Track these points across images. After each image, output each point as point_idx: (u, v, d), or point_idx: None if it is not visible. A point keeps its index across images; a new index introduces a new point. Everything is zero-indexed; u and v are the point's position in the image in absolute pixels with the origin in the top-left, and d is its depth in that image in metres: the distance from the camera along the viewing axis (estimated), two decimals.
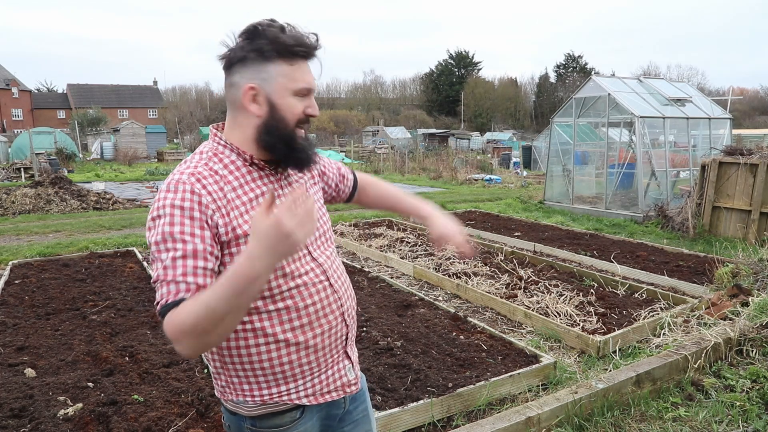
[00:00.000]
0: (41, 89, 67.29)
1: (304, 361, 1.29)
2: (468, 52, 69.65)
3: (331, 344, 1.34)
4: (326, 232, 1.40)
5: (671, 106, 9.92)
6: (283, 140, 1.24)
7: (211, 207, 1.17)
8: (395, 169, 21.52)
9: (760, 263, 5.08)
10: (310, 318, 1.28)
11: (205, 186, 1.18)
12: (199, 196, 1.16)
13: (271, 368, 1.26)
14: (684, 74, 61.66)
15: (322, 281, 1.31)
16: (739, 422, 2.79)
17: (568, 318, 4.36)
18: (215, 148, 1.27)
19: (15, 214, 10.24)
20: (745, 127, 37.55)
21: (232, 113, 1.27)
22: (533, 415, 2.64)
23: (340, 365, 1.39)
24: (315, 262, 1.31)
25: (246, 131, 1.26)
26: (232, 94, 1.24)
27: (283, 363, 1.27)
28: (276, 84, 1.22)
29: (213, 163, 1.24)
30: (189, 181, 1.18)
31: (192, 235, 1.13)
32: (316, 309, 1.29)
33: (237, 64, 1.22)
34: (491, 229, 8.42)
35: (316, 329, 1.29)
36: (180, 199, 1.15)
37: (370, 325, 4.06)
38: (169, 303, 1.08)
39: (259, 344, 1.24)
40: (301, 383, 1.30)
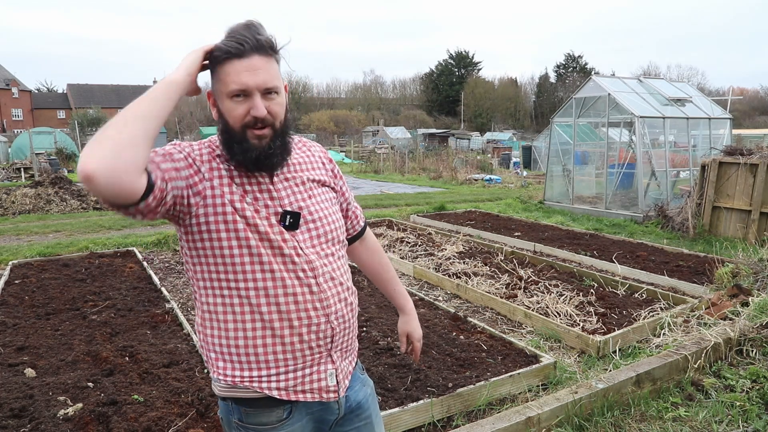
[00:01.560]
0: (41, 89, 67.31)
1: (279, 349, 1.29)
2: (468, 52, 69.71)
3: (311, 342, 1.32)
4: (329, 233, 1.38)
5: (671, 106, 9.92)
6: (236, 143, 1.26)
7: (197, 163, 1.25)
8: (395, 169, 21.52)
9: (760, 263, 5.08)
10: (288, 308, 1.28)
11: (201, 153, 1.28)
12: (189, 152, 1.25)
13: (245, 347, 1.28)
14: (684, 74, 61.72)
15: (309, 278, 1.31)
16: (739, 422, 2.79)
17: (568, 318, 4.36)
18: (213, 141, 1.34)
19: (15, 214, 10.24)
20: (745, 127, 37.55)
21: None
22: (533, 415, 2.64)
23: (321, 368, 1.35)
24: (305, 257, 1.31)
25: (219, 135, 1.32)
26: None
27: (257, 345, 1.28)
28: (216, 89, 1.27)
29: (207, 151, 1.30)
30: (187, 145, 1.29)
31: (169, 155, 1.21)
32: (296, 300, 1.29)
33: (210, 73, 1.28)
34: (491, 229, 8.42)
35: (294, 320, 1.29)
36: (173, 145, 1.26)
37: (370, 325, 4.06)
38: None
39: (236, 320, 1.27)
40: (274, 373, 1.29)
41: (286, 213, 1.30)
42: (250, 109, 1.22)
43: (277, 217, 1.29)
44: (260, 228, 1.27)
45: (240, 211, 1.25)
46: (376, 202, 11.89)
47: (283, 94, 1.29)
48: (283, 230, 1.29)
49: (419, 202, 11.91)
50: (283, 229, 1.29)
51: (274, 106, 1.25)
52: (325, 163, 1.49)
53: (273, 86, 1.24)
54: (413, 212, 10.13)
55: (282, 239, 1.28)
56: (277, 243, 1.28)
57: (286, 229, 1.29)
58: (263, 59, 1.22)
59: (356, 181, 17.97)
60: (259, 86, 1.21)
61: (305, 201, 1.35)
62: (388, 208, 11.12)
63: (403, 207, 11.04)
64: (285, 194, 1.33)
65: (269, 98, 1.24)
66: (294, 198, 1.34)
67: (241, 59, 1.20)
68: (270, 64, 1.24)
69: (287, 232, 1.29)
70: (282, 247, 1.28)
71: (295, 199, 1.34)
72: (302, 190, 1.37)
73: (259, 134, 1.24)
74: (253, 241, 1.26)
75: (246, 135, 1.24)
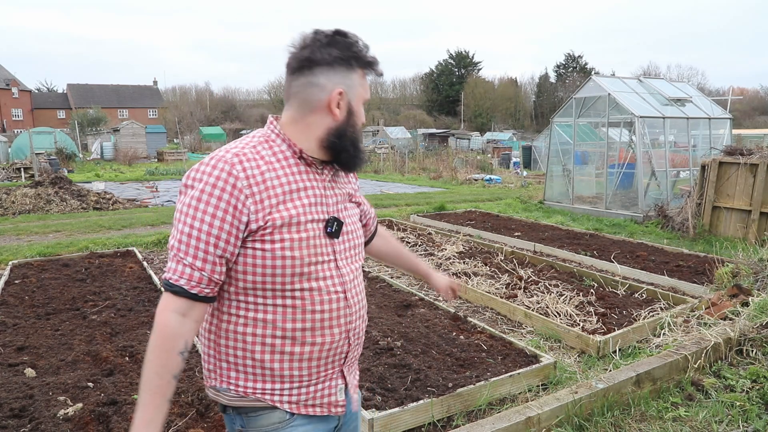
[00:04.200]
0: (41, 89, 67.30)
1: (296, 365, 1.28)
2: (468, 52, 69.66)
3: (328, 358, 1.31)
4: (357, 246, 1.40)
5: (671, 106, 9.93)
6: (354, 144, 1.30)
7: (245, 192, 1.17)
8: (395, 169, 21.52)
9: (760, 263, 5.07)
10: (314, 324, 1.26)
11: (245, 168, 1.19)
12: (235, 178, 1.17)
13: (261, 362, 1.26)
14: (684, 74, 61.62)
15: (338, 292, 1.29)
16: (739, 422, 2.79)
17: (568, 318, 4.36)
18: (267, 135, 1.29)
19: (15, 214, 10.24)
20: (745, 127, 37.55)
21: (300, 111, 1.27)
22: (533, 415, 2.64)
23: (333, 383, 1.35)
24: (338, 271, 1.30)
25: (315, 131, 1.27)
26: (311, 94, 1.25)
27: (274, 360, 1.26)
28: (356, 92, 1.29)
29: (262, 148, 1.25)
30: (231, 160, 1.18)
31: (213, 216, 1.16)
32: (323, 318, 1.27)
33: (323, 67, 1.24)
34: (491, 229, 8.42)
35: (317, 337, 1.27)
36: (215, 177, 1.17)
37: (370, 325, 4.06)
38: (171, 283, 1.18)
39: (256, 334, 1.25)
40: (287, 387, 1.28)
41: (333, 219, 1.30)
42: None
43: (322, 223, 1.28)
44: (309, 233, 1.24)
45: (289, 217, 1.22)
46: (376, 202, 11.89)
47: None
48: (326, 236, 1.28)
49: (419, 202, 11.91)
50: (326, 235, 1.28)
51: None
52: (350, 178, 1.49)
53: None
54: (413, 212, 10.14)
55: (325, 247, 1.28)
56: (319, 251, 1.26)
57: (328, 236, 1.28)
58: None
59: None
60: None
61: (341, 212, 1.35)
62: (388, 208, 11.12)
63: (403, 207, 11.05)
64: (333, 201, 1.33)
65: None
66: (337, 207, 1.34)
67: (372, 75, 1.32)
68: None
69: (328, 239, 1.29)
70: (323, 254, 1.27)
71: (337, 208, 1.33)
72: (340, 200, 1.37)
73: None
74: (297, 251, 1.22)
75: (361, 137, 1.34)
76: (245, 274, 1.22)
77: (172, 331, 1.17)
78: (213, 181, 1.16)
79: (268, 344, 1.25)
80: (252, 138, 1.28)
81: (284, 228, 1.21)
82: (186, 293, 1.17)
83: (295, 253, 1.21)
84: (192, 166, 1.23)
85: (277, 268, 1.21)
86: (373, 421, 2.66)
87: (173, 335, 1.17)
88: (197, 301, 1.19)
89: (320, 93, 1.25)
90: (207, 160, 1.20)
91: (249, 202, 1.17)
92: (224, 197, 1.16)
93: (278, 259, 1.20)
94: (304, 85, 1.25)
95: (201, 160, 1.22)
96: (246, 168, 1.19)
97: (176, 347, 1.18)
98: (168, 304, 1.18)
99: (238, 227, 1.18)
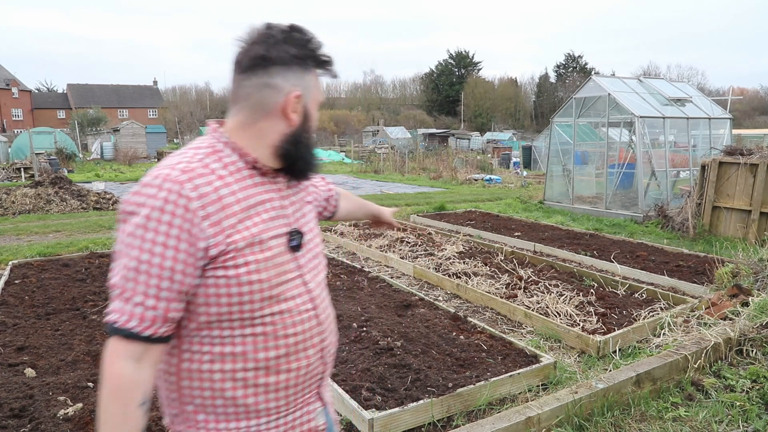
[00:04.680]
0: (41, 89, 67.32)
1: (272, 396, 1.15)
2: (468, 52, 69.70)
3: (306, 383, 1.21)
4: (319, 255, 1.28)
5: (671, 106, 9.93)
6: (309, 150, 1.20)
7: (200, 214, 1.02)
8: (395, 169, 21.52)
9: (760, 263, 5.07)
10: (288, 350, 1.15)
11: (197, 186, 1.04)
12: (187, 199, 1.02)
13: (233, 399, 1.12)
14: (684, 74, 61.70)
15: (309, 310, 1.18)
16: (739, 422, 2.79)
17: (568, 318, 4.36)
18: (213, 145, 1.14)
19: (15, 214, 10.24)
20: (745, 127, 37.55)
21: (252, 115, 1.13)
22: (533, 415, 2.64)
23: (311, 407, 1.25)
24: (306, 287, 1.19)
25: (268, 138, 1.14)
26: (266, 97, 1.11)
27: (248, 395, 1.13)
28: (312, 95, 1.18)
29: (211, 161, 1.10)
30: (179, 178, 1.03)
31: (165, 245, 1.00)
32: (297, 341, 1.16)
33: (279, 66, 1.10)
34: (491, 229, 8.42)
35: (292, 363, 1.16)
36: (162, 199, 1.01)
37: (370, 325, 4.06)
38: (118, 327, 1.01)
39: (225, 370, 1.10)
40: (264, 421, 1.16)
41: (296, 231, 1.18)
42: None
43: (285, 237, 1.15)
44: (273, 251, 1.12)
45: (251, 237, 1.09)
46: (375, 202, 11.81)
47: None
48: (289, 251, 1.16)
49: (419, 202, 11.91)
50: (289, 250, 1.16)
51: None
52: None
53: None
54: (413, 212, 10.14)
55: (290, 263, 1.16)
56: (285, 269, 1.14)
57: (291, 250, 1.16)
58: None
59: (356, 181, 17.97)
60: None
61: (301, 221, 1.23)
62: (388, 208, 11.10)
63: (403, 207, 11.04)
64: (292, 211, 1.21)
65: None
66: (295, 217, 1.22)
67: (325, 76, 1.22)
68: None
69: (291, 254, 1.16)
70: (289, 272, 1.15)
71: (296, 217, 1.22)
72: (299, 208, 1.25)
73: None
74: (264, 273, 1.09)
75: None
76: (208, 306, 1.07)
77: (127, 382, 1.01)
78: (160, 205, 1.00)
79: (239, 379, 1.11)
80: (197, 149, 1.12)
81: (247, 249, 1.07)
82: (138, 336, 1.01)
83: (262, 275, 1.09)
84: (132, 189, 1.06)
85: (244, 295, 1.07)
86: (373, 421, 2.66)
87: (129, 386, 1.01)
88: (153, 343, 1.03)
89: (276, 96, 1.11)
90: (149, 180, 1.03)
91: (205, 225, 1.03)
92: (176, 222, 1.00)
93: (244, 285, 1.07)
94: (257, 86, 1.11)
95: (142, 180, 1.04)
96: (198, 186, 1.04)
97: (134, 399, 1.02)
98: (118, 351, 1.01)
99: (195, 255, 1.03)
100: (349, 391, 2.99)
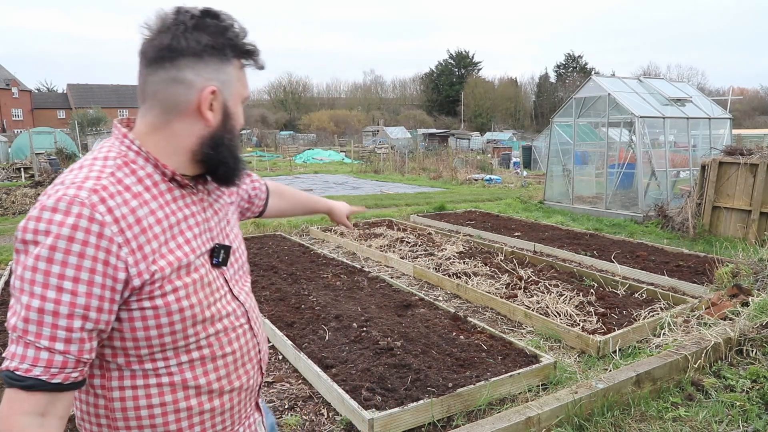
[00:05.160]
0: (41, 89, 67.34)
1: (218, 420, 1.08)
2: (468, 52, 69.72)
3: (246, 398, 1.15)
4: (244, 264, 1.19)
5: (671, 106, 9.93)
6: (233, 154, 1.05)
7: (117, 240, 0.89)
8: (395, 169, 21.51)
9: (760, 263, 5.07)
10: (228, 369, 1.08)
11: (111, 209, 0.89)
12: (100, 224, 0.87)
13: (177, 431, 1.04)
14: (684, 74, 61.74)
15: (243, 324, 1.11)
16: (739, 422, 2.79)
17: (568, 318, 4.36)
18: (124, 154, 0.99)
19: (15, 214, 10.24)
20: (745, 127, 37.55)
21: (162, 116, 1.00)
22: (533, 415, 2.64)
23: (251, 420, 1.20)
24: (236, 301, 1.11)
25: (184, 141, 1.01)
26: (176, 94, 0.98)
27: (194, 425, 1.05)
28: (233, 89, 1.03)
29: (123, 175, 0.95)
30: (89, 200, 0.88)
31: (76, 280, 0.86)
32: (235, 359, 1.09)
33: (189, 58, 0.96)
34: (491, 229, 8.42)
35: (234, 382, 1.09)
36: (71, 227, 0.85)
37: (370, 325, 4.06)
38: (19, 377, 0.85)
39: (165, 402, 1.01)
40: None
41: (219, 248, 1.08)
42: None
43: (207, 255, 1.06)
44: (201, 272, 1.02)
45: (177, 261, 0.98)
46: (376, 202, 11.89)
47: None
48: (214, 269, 1.07)
49: (419, 202, 11.91)
50: (213, 267, 1.07)
51: None
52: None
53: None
54: (413, 212, 10.13)
55: (217, 280, 1.07)
56: (214, 287, 1.05)
57: (215, 267, 1.07)
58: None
59: (356, 181, 17.97)
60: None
61: (224, 231, 1.13)
62: (388, 208, 11.12)
63: (403, 207, 11.04)
64: (215, 223, 1.11)
65: None
66: (219, 228, 1.12)
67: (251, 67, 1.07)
68: None
69: (218, 270, 1.08)
70: (218, 289, 1.06)
71: (219, 229, 1.12)
72: (222, 218, 1.14)
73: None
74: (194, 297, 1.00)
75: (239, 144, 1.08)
76: (136, 340, 0.96)
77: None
78: (68, 233, 0.85)
79: (183, 409, 1.02)
80: (105, 162, 0.96)
81: (173, 275, 0.96)
82: (45, 386, 0.86)
83: (192, 300, 0.99)
84: (29, 213, 0.88)
85: (176, 324, 0.98)
86: (373, 421, 2.66)
87: None
88: (62, 391, 0.88)
89: (187, 92, 0.98)
90: (52, 203, 0.86)
91: (124, 253, 0.90)
92: (88, 252, 0.86)
93: (176, 314, 0.97)
94: (165, 81, 0.97)
95: (42, 202, 0.88)
96: (112, 208, 0.89)
97: None
98: (17, 406, 0.85)
99: (114, 288, 0.90)
100: (349, 391, 2.99)
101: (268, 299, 4.77)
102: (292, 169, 23.33)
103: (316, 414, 3.00)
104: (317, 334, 3.93)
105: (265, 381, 3.36)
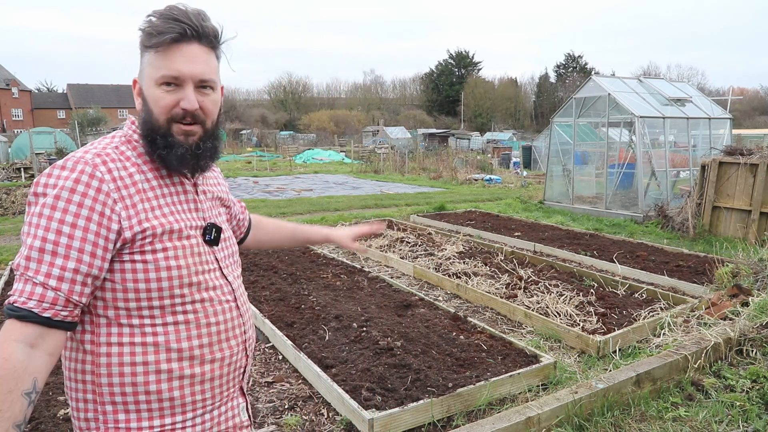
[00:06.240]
0: (41, 89, 67.33)
1: (198, 389, 1.13)
2: (468, 52, 69.72)
3: (229, 374, 1.19)
4: (234, 254, 1.29)
5: (671, 106, 9.93)
6: (159, 135, 1.09)
7: (113, 195, 1.01)
8: (395, 169, 21.52)
9: (760, 263, 5.07)
10: (212, 339, 1.14)
11: (111, 170, 1.03)
12: (99, 180, 1.00)
13: (158, 393, 1.08)
14: (684, 74, 61.71)
15: (229, 301, 1.19)
16: (739, 422, 2.79)
17: (568, 318, 4.36)
18: (129, 136, 1.14)
19: (15, 214, 10.24)
20: (745, 127, 37.55)
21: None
22: (533, 415, 2.64)
23: (234, 402, 1.24)
24: (225, 279, 1.20)
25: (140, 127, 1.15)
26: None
27: (173, 388, 1.09)
28: (145, 74, 1.11)
29: (126, 149, 1.11)
30: (92, 161, 1.02)
31: (73, 225, 0.98)
32: (219, 330, 1.15)
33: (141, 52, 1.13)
34: (491, 229, 8.42)
35: (215, 353, 1.15)
36: (74, 180, 0.99)
37: (370, 325, 4.06)
38: (15, 307, 0.96)
39: (148, 362, 1.07)
40: (190, 417, 1.12)
41: (211, 226, 1.18)
42: (180, 100, 1.09)
43: (200, 231, 1.16)
44: (191, 241, 1.12)
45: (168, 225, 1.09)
46: (376, 202, 11.89)
47: (219, 92, 1.17)
48: (206, 245, 1.16)
49: (419, 202, 11.91)
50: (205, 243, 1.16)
51: (207, 102, 1.12)
52: (219, 179, 1.37)
53: (209, 80, 1.12)
54: (413, 212, 10.14)
55: (208, 255, 1.16)
56: (204, 259, 1.14)
57: (207, 244, 1.17)
58: (204, 50, 1.11)
59: (356, 181, 17.97)
60: (194, 76, 1.09)
61: (217, 218, 1.25)
62: (388, 208, 11.12)
63: (403, 207, 11.05)
64: (207, 206, 1.22)
65: (203, 93, 1.11)
66: (211, 213, 1.23)
67: (179, 44, 1.07)
68: (210, 57, 1.13)
69: (209, 247, 1.17)
70: (208, 263, 1.15)
71: (212, 213, 1.23)
72: (213, 206, 1.25)
73: (187, 130, 1.11)
74: (182, 260, 1.09)
75: (171, 129, 1.09)
76: (126, 292, 1.05)
77: (15, 366, 0.93)
78: (71, 185, 0.98)
79: (164, 371, 1.08)
80: (111, 140, 1.12)
81: (165, 236, 1.07)
82: (35, 318, 0.95)
83: (181, 262, 1.08)
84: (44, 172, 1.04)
85: (163, 281, 1.06)
86: (373, 421, 2.66)
87: (18, 372, 0.93)
88: (51, 327, 0.97)
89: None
90: (61, 163, 1.02)
91: (119, 208, 1.02)
92: (86, 203, 0.99)
93: (163, 270, 1.06)
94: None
95: (54, 164, 1.03)
96: (111, 169, 1.03)
97: (20, 386, 0.93)
98: (10, 333, 0.95)
99: (107, 237, 1.01)
100: (349, 391, 2.99)
101: (268, 299, 4.77)
102: (292, 169, 23.33)
103: (316, 414, 3.00)
104: (317, 334, 3.93)
105: (265, 381, 3.37)
